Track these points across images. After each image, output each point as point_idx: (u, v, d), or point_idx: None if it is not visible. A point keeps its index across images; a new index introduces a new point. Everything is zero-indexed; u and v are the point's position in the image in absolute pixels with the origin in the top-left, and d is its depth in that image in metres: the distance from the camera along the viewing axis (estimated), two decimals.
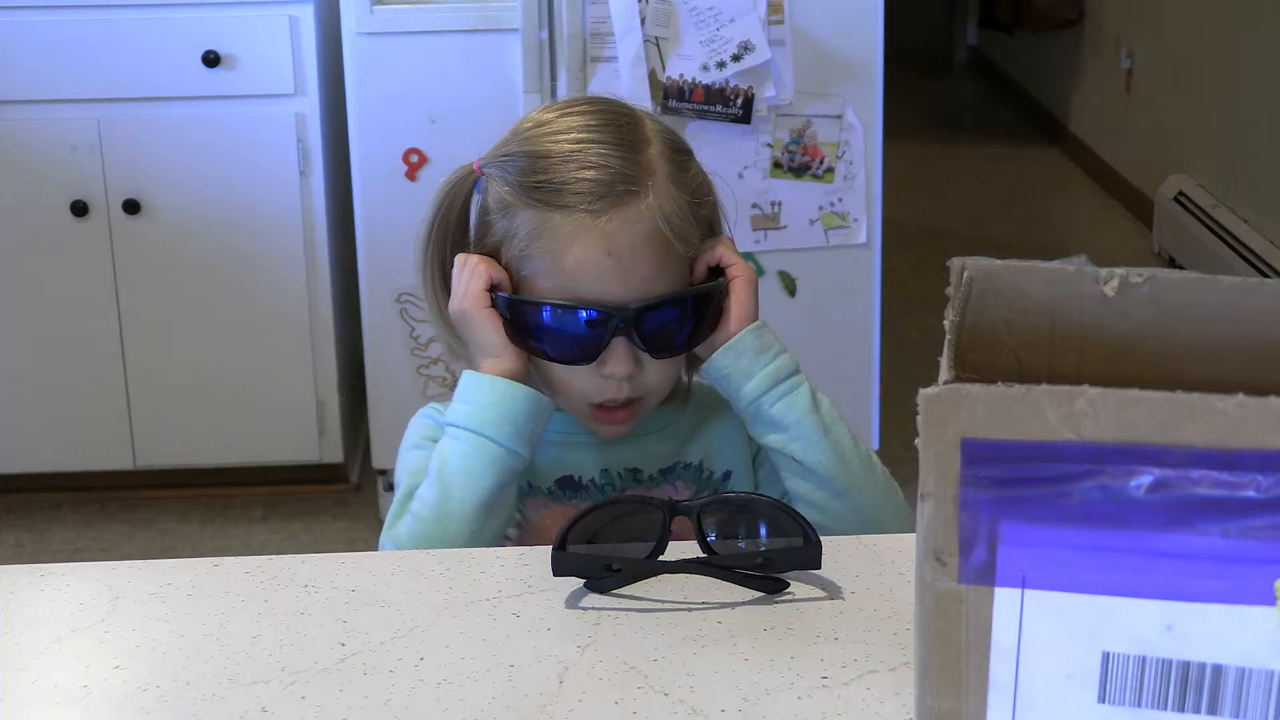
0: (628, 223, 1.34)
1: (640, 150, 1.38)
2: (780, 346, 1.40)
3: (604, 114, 1.40)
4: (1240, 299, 0.86)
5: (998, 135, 5.85)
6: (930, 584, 0.81)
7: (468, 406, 1.36)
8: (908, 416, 0.82)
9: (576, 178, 1.35)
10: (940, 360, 0.83)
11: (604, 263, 1.34)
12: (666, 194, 1.36)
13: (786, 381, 1.38)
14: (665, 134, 1.41)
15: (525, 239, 1.36)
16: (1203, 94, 4.38)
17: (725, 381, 1.39)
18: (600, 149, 1.36)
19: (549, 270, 1.36)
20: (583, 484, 1.44)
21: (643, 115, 1.42)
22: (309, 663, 1.04)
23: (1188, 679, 0.79)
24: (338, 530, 3.09)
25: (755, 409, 1.38)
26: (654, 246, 1.35)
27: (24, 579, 1.15)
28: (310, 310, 3.03)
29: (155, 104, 2.90)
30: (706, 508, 1.14)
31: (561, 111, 1.41)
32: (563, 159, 1.36)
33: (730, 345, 1.38)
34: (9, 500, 3.15)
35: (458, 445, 1.35)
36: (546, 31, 2.73)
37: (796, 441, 1.38)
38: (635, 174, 1.36)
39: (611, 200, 1.34)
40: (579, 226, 1.34)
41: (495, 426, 1.34)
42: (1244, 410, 0.75)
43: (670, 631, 1.07)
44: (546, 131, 1.39)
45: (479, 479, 1.34)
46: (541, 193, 1.35)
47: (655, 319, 1.35)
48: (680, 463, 1.46)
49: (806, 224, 2.85)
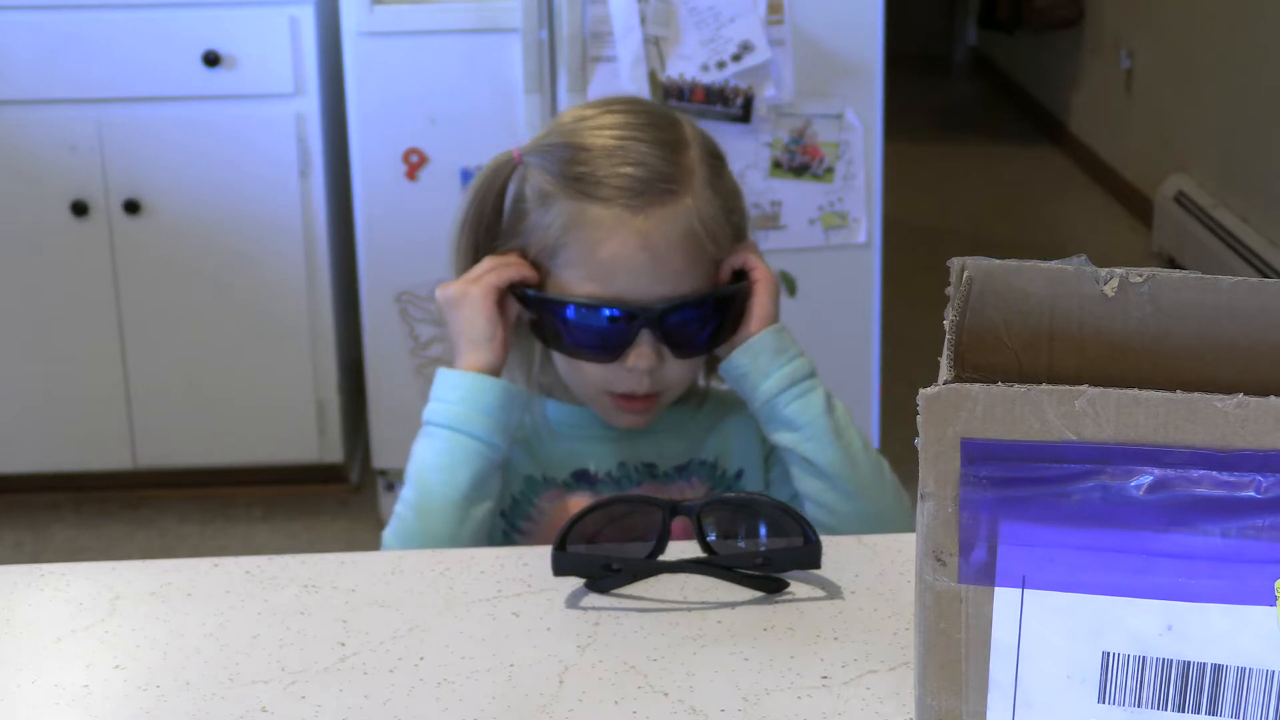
0: (664, 221, 1.37)
1: (680, 151, 1.40)
2: (798, 349, 1.42)
3: (646, 114, 1.43)
4: (1240, 299, 0.86)
5: (998, 135, 5.85)
6: (930, 584, 0.81)
7: (440, 404, 1.38)
8: (908, 416, 0.82)
9: (618, 173, 1.37)
10: (940, 360, 0.83)
11: (638, 258, 1.36)
12: (703, 196, 1.39)
13: (802, 383, 1.40)
14: (703, 139, 1.44)
15: (561, 228, 1.38)
16: (1203, 94, 4.37)
17: (743, 380, 1.41)
18: (642, 146, 1.39)
19: (582, 260, 1.37)
20: (598, 477, 1.45)
21: (682, 119, 1.45)
22: (309, 663, 1.04)
23: (1188, 679, 0.79)
24: (338, 530, 3.09)
25: (770, 408, 1.40)
26: (687, 246, 1.37)
27: (24, 579, 1.15)
28: (310, 310, 3.03)
29: (155, 104, 2.90)
30: (706, 508, 1.14)
31: (604, 109, 1.44)
32: (605, 153, 1.38)
33: (749, 345, 1.40)
34: (9, 500, 3.15)
35: (432, 442, 1.37)
36: (546, 31, 2.73)
37: (809, 442, 1.39)
38: (675, 174, 1.38)
39: (651, 198, 1.37)
40: (617, 220, 1.36)
41: (468, 421, 1.36)
42: (1244, 410, 0.75)
43: (670, 631, 1.07)
44: (589, 126, 1.41)
45: (455, 474, 1.35)
46: (582, 184, 1.37)
47: (680, 318, 1.37)
48: (695, 460, 1.47)
49: (806, 224, 2.85)
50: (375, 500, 3.13)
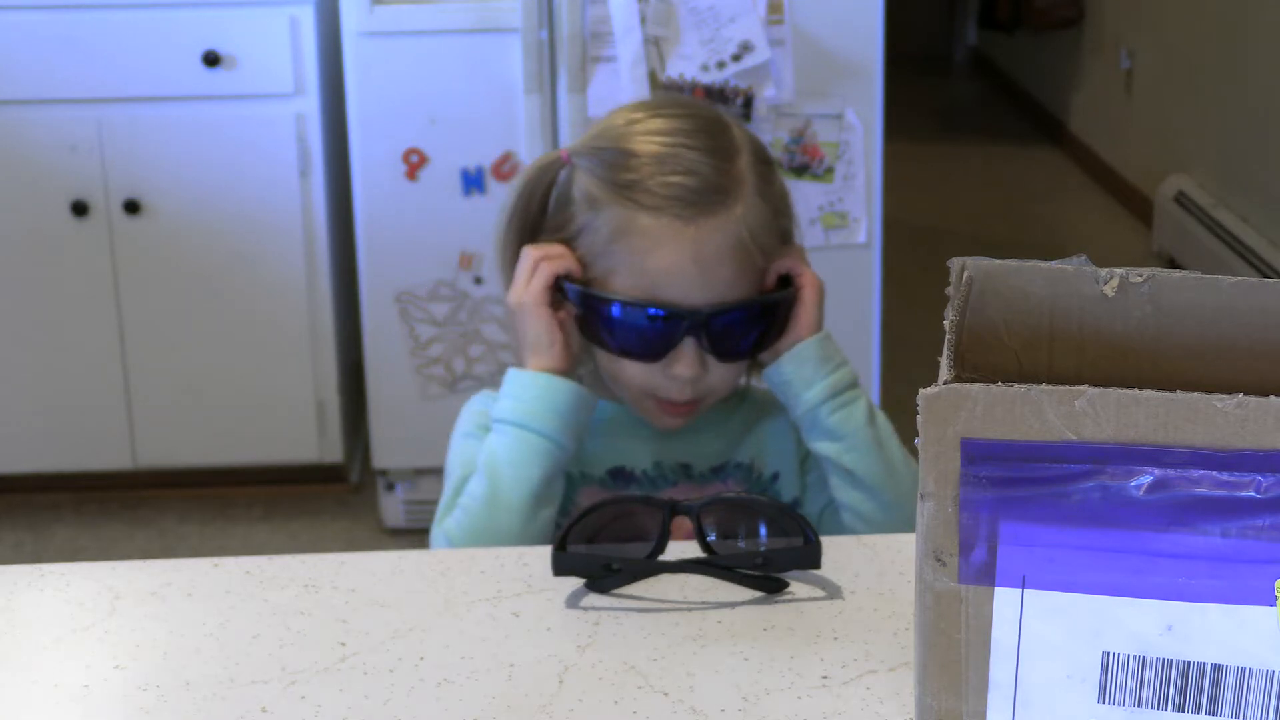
0: (714, 231, 1.36)
1: (731, 159, 1.39)
2: (842, 358, 1.41)
3: (697, 119, 1.41)
4: (1240, 299, 0.86)
5: (998, 135, 5.85)
6: (930, 584, 0.81)
7: (513, 402, 1.37)
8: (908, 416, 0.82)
9: (668, 181, 1.36)
10: (940, 360, 0.83)
11: (688, 269, 1.35)
12: (752, 205, 1.38)
13: (846, 393, 1.40)
14: (754, 143, 1.43)
15: (609, 235, 1.37)
16: (1203, 94, 4.37)
17: (786, 388, 1.40)
18: (693, 154, 1.37)
19: (630, 269, 1.37)
20: (635, 475, 1.45)
21: (732, 123, 1.43)
22: (309, 663, 1.04)
23: (1188, 679, 0.79)
24: (338, 530, 3.09)
25: (813, 417, 1.40)
26: (736, 256, 1.37)
27: (24, 579, 1.15)
28: (310, 310, 3.03)
29: (155, 104, 2.90)
30: (706, 508, 1.14)
31: (653, 112, 1.42)
32: (656, 160, 1.37)
33: (795, 352, 1.39)
34: (9, 500, 3.15)
35: (504, 439, 1.36)
36: (546, 31, 2.73)
37: (851, 453, 1.39)
38: (725, 183, 1.37)
39: (701, 208, 1.36)
40: (667, 231, 1.35)
41: (541, 420, 1.36)
42: (1244, 410, 0.75)
43: (670, 631, 1.07)
44: (640, 130, 1.40)
45: (527, 470, 1.35)
46: (632, 191, 1.36)
47: (725, 323, 1.37)
48: (731, 461, 1.47)
49: (806, 224, 2.85)
50: (375, 500, 3.13)
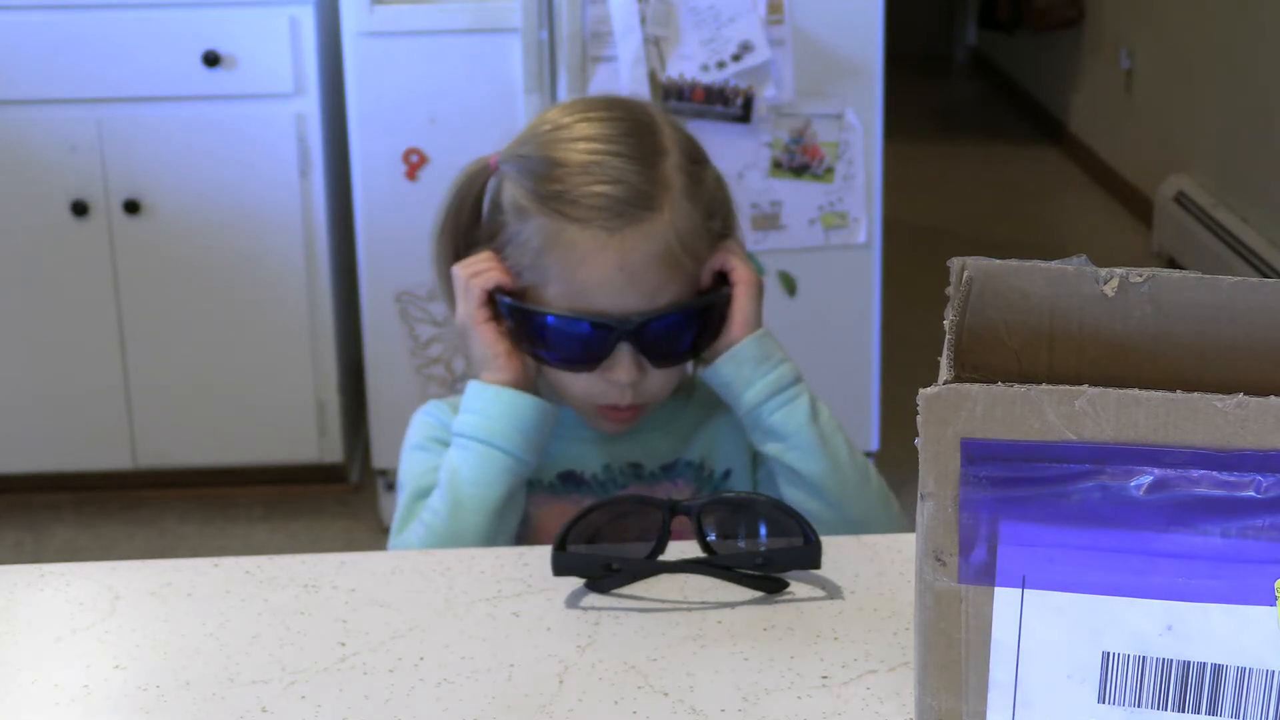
0: (641, 240, 1.35)
1: (657, 164, 1.37)
2: (781, 355, 1.40)
3: (623, 122, 1.40)
4: (1240, 299, 0.86)
5: (998, 135, 5.85)
6: (930, 584, 0.81)
7: (476, 417, 1.37)
8: (908, 416, 0.82)
9: (593, 192, 1.35)
10: (940, 360, 0.83)
11: (616, 277, 1.35)
12: (681, 209, 1.37)
13: (786, 391, 1.39)
14: (683, 142, 1.41)
15: (538, 248, 1.37)
16: (1203, 94, 4.37)
17: (726, 389, 1.40)
18: (618, 161, 1.36)
19: (561, 279, 1.36)
20: (584, 479, 1.44)
21: (662, 122, 1.42)
22: (309, 663, 1.04)
23: (1188, 679, 0.79)
24: (338, 530, 3.09)
25: (754, 417, 1.39)
26: (665, 262, 1.36)
27: (24, 579, 1.15)
28: (310, 310, 3.03)
29: (155, 104, 2.90)
30: (706, 507, 1.14)
31: (581, 116, 1.41)
32: (580, 170, 1.36)
33: (732, 354, 1.39)
34: (9, 500, 3.15)
35: (467, 456, 1.36)
36: (546, 31, 2.73)
37: (794, 451, 1.39)
38: (652, 190, 1.36)
39: (627, 218, 1.35)
40: (593, 242, 1.35)
41: (505, 437, 1.35)
42: (1244, 410, 0.75)
43: (670, 631, 1.07)
44: (565, 137, 1.39)
45: (490, 489, 1.35)
46: (558, 203, 1.36)
47: (658, 329, 1.36)
48: (681, 460, 1.46)
49: (806, 224, 2.85)
50: (375, 500, 3.13)
